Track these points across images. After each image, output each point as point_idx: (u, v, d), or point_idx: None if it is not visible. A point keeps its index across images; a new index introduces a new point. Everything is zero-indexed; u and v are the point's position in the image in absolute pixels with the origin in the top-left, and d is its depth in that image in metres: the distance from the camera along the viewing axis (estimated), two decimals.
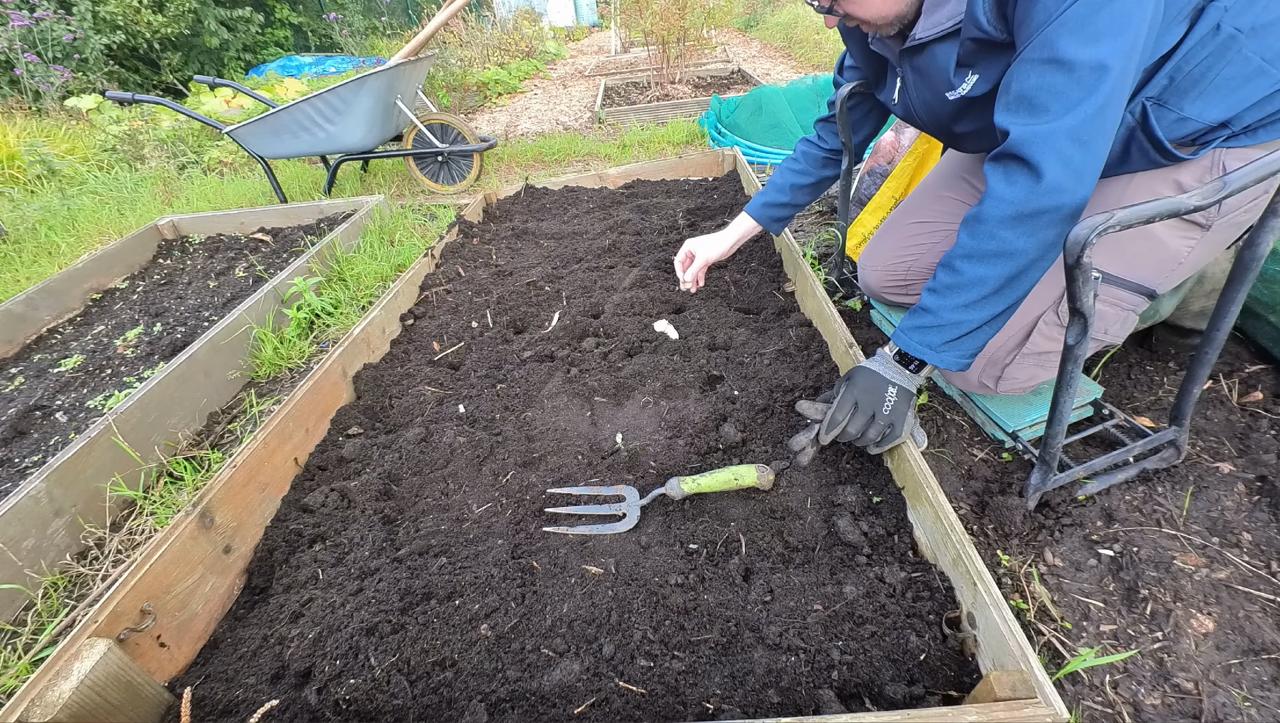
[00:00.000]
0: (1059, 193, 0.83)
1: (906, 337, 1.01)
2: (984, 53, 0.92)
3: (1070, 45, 0.78)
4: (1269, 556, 0.98)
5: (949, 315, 0.95)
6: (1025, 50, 0.83)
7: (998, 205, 0.88)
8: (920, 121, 1.18)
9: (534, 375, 1.45)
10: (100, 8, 7.55)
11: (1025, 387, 1.16)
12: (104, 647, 0.79)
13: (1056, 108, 0.81)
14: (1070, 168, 0.82)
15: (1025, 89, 0.84)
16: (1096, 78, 0.78)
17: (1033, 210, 0.85)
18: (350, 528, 1.10)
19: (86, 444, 1.28)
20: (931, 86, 1.04)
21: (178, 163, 4.27)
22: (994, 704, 0.66)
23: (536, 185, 2.80)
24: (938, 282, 0.97)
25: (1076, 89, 0.79)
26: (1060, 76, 0.80)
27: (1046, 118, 0.82)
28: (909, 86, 1.11)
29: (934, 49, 0.99)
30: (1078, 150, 0.82)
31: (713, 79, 5.40)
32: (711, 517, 1.06)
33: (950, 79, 0.98)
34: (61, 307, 2.29)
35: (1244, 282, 0.87)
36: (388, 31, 10.35)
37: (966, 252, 0.92)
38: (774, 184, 1.57)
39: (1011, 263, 0.89)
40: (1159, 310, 1.28)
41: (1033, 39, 0.82)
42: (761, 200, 1.58)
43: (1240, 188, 0.73)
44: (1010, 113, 0.86)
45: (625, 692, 0.81)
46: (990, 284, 0.91)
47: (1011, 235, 0.87)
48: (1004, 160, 0.88)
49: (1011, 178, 0.86)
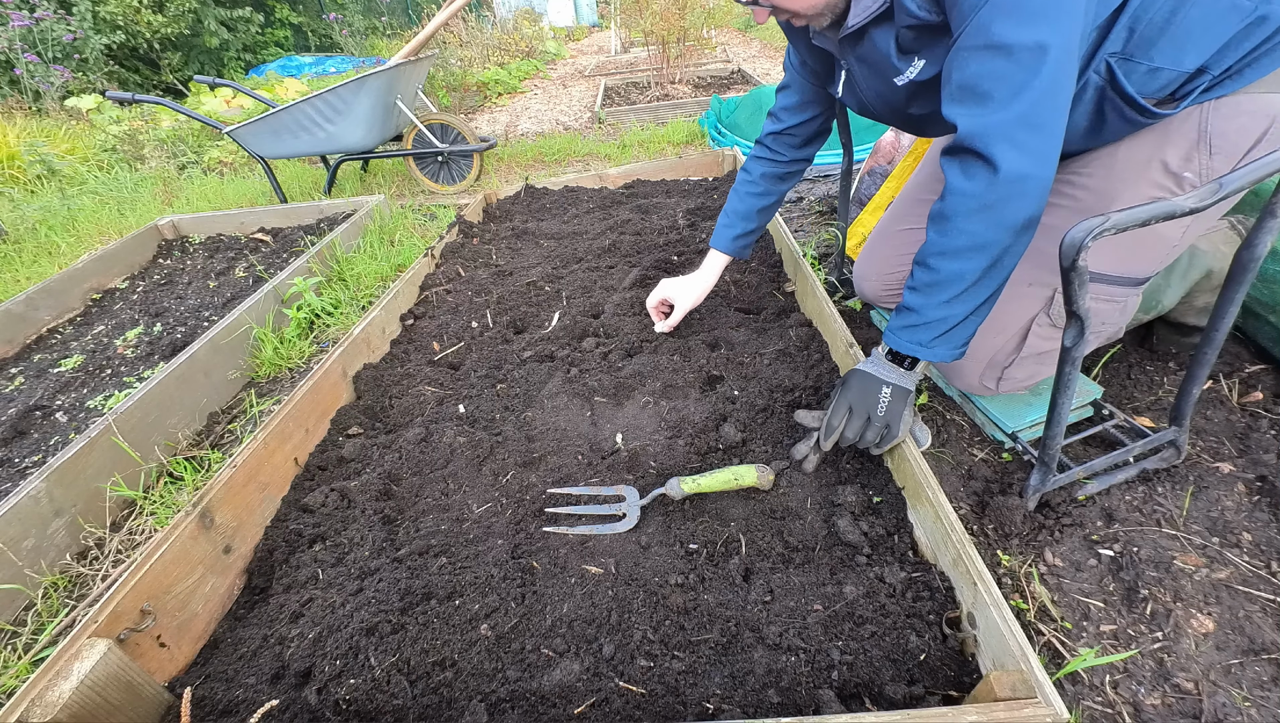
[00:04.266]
0: (1019, 181, 0.81)
1: (896, 336, 1.00)
2: (926, 37, 0.90)
3: (1006, 28, 0.76)
4: (1269, 555, 0.98)
5: (933, 312, 0.94)
6: (961, 37, 0.81)
7: (960, 201, 0.86)
8: (874, 111, 1.14)
9: (534, 375, 1.45)
10: (100, 8, 7.55)
11: (1027, 385, 1.16)
12: (104, 647, 0.79)
13: (1002, 94, 0.79)
14: (1026, 154, 0.80)
15: (966, 78, 0.81)
16: (1038, 59, 0.76)
17: (996, 200, 0.83)
18: (350, 528, 1.10)
19: (86, 444, 1.28)
20: (879, 74, 1.01)
21: (178, 163, 4.27)
22: (994, 704, 0.66)
23: (536, 185, 2.80)
24: (917, 280, 0.95)
25: (1019, 73, 0.77)
26: (1000, 62, 0.78)
27: (993, 106, 0.80)
28: (856, 77, 1.08)
29: (872, 35, 0.96)
30: (1032, 135, 0.79)
31: (713, 79, 5.40)
32: (711, 517, 1.06)
33: (895, 64, 0.96)
34: (61, 307, 2.29)
35: (1242, 282, 0.86)
36: (388, 31, 10.35)
37: (939, 250, 0.90)
38: (736, 212, 1.47)
39: (986, 254, 0.87)
40: (1161, 302, 1.28)
41: (967, 24, 0.79)
42: (730, 234, 1.48)
43: (1238, 189, 0.73)
44: (956, 104, 0.84)
45: (625, 692, 0.81)
46: (969, 277, 0.89)
47: (980, 228, 0.86)
48: (959, 154, 0.86)
49: (969, 172, 0.85)
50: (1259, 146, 0.89)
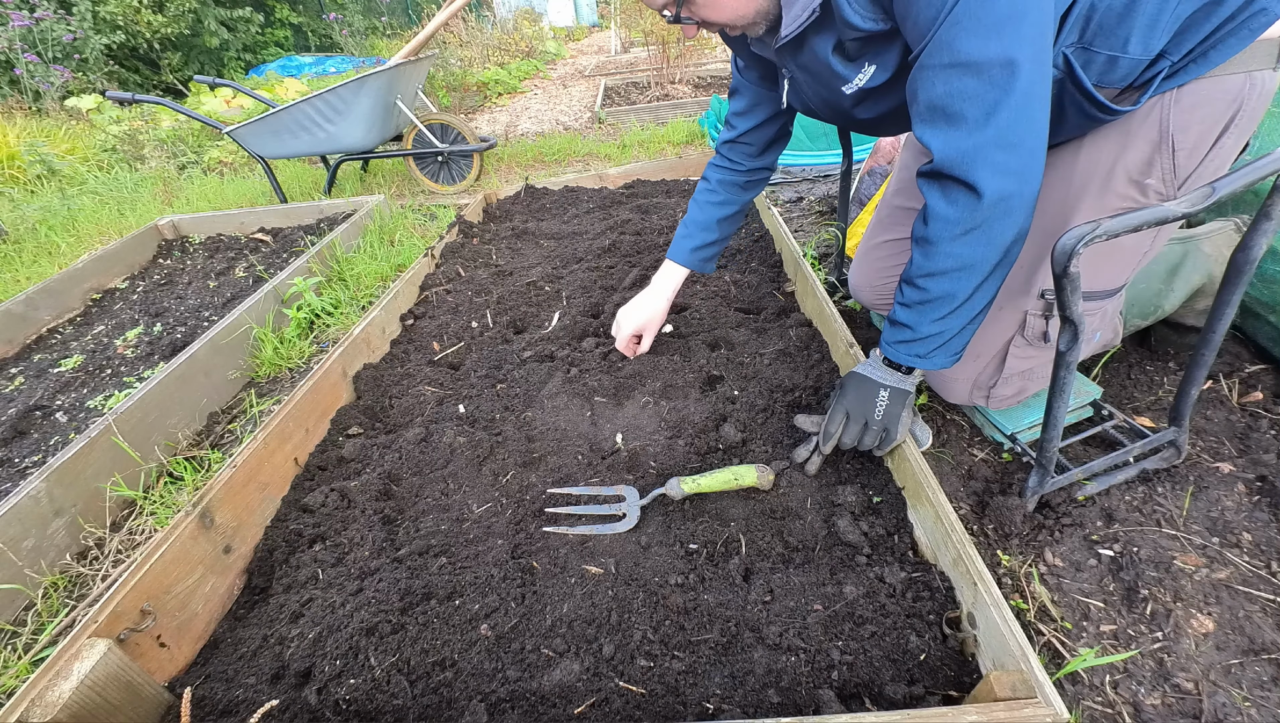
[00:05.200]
0: (1003, 201, 0.79)
1: (893, 349, 0.98)
2: (874, 43, 0.85)
3: (970, 44, 0.72)
4: (1269, 555, 0.98)
5: (927, 328, 0.92)
6: (924, 55, 0.77)
7: (944, 226, 0.84)
8: (819, 114, 1.10)
9: (534, 375, 1.45)
10: (100, 8, 7.55)
11: (1016, 400, 1.16)
12: (104, 647, 0.79)
13: (974, 115, 0.76)
14: (1008, 175, 0.78)
15: (935, 98, 0.78)
16: (1008, 74, 0.73)
17: (981, 223, 0.81)
18: (350, 528, 1.10)
19: (86, 444, 1.28)
20: (823, 82, 0.96)
21: (178, 163, 4.27)
22: (994, 704, 0.66)
23: (536, 185, 2.80)
24: (907, 298, 0.93)
25: (991, 91, 0.74)
26: (969, 80, 0.74)
27: (967, 127, 0.77)
28: (800, 84, 1.04)
29: (811, 43, 0.90)
30: (1011, 155, 0.77)
31: (713, 79, 5.39)
32: (711, 517, 1.06)
33: (840, 72, 0.91)
34: (61, 307, 2.29)
35: (1238, 285, 0.86)
36: (388, 31, 10.35)
37: (926, 271, 0.88)
38: (696, 223, 1.38)
39: (975, 271, 0.85)
40: (1162, 306, 1.28)
41: (928, 41, 0.75)
42: (689, 246, 1.38)
43: (1229, 195, 0.73)
44: (927, 125, 0.81)
45: (625, 692, 0.81)
46: (960, 295, 0.88)
47: (966, 250, 0.84)
48: (939, 179, 0.83)
49: (950, 197, 0.82)
50: (1226, 137, 0.86)
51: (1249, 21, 0.78)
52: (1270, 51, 0.81)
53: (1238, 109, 0.84)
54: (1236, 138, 0.87)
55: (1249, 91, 0.83)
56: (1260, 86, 0.83)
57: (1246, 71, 0.82)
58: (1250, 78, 0.82)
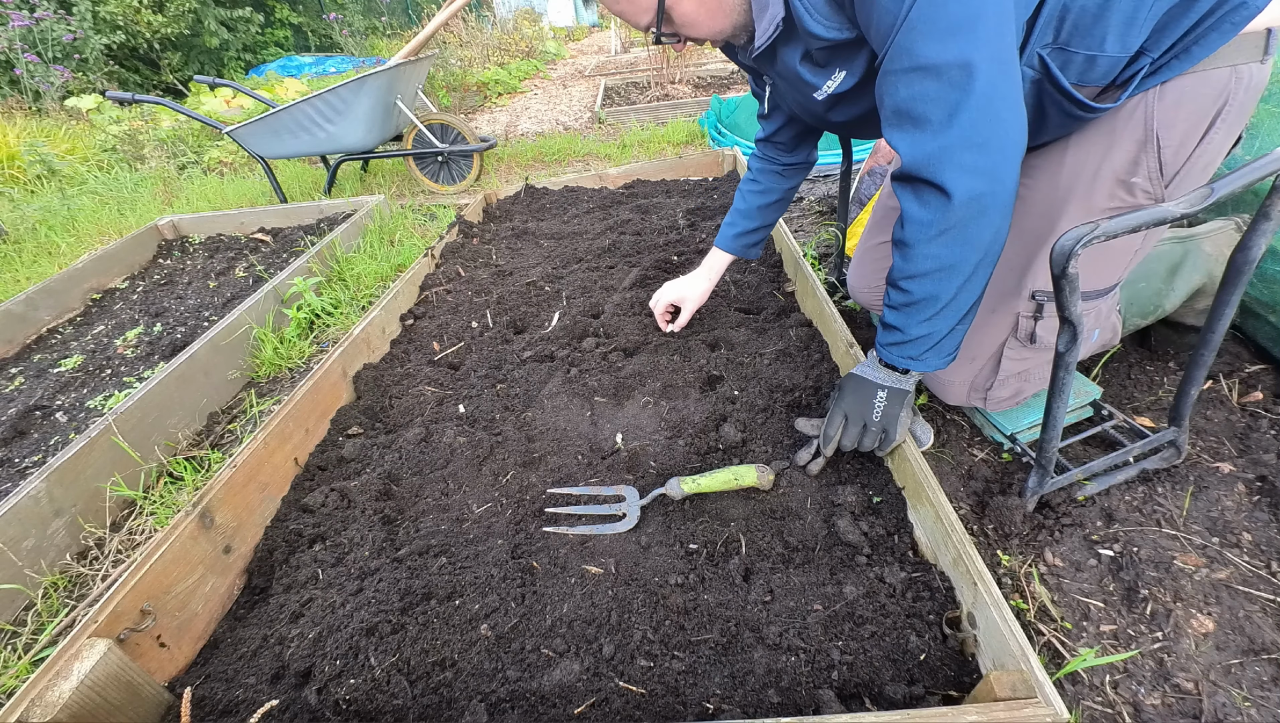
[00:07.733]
0: (975, 201, 0.79)
1: (887, 351, 0.98)
2: (841, 51, 0.87)
3: (927, 48, 0.73)
4: (1269, 555, 0.98)
5: (916, 330, 0.92)
6: (886, 60, 0.78)
7: (919, 229, 0.84)
8: (801, 118, 1.16)
9: (534, 375, 1.45)
10: (100, 8, 7.55)
11: (1013, 402, 1.16)
12: (104, 647, 0.79)
13: (938, 117, 0.76)
14: (977, 174, 0.77)
15: (899, 103, 0.79)
16: (966, 75, 0.73)
17: (955, 224, 0.81)
18: (350, 528, 1.10)
19: (86, 444, 1.28)
20: (798, 89, 1.00)
21: (178, 163, 4.27)
22: (994, 704, 0.66)
23: (536, 185, 2.80)
24: (894, 300, 0.93)
25: (951, 92, 0.74)
26: (930, 83, 0.75)
27: (932, 129, 0.77)
28: (780, 90, 1.10)
29: (781, 54, 0.94)
30: (979, 155, 0.77)
31: (713, 79, 5.39)
32: (711, 517, 1.06)
33: (809, 80, 0.94)
34: (61, 307, 2.29)
35: (1237, 285, 0.86)
36: (388, 31, 10.36)
37: (907, 274, 0.88)
38: (739, 211, 1.45)
39: (957, 272, 0.85)
40: (1162, 306, 1.28)
41: (888, 47, 0.76)
42: (732, 232, 1.46)
43: (1228, 195, 0.72)
44: (895, 129, 0.82)
45: (625, 692, 0.81)
46: (944, 296, 0.87)
47: (944, 251, 0.84)
48: (910, 182, 0.84)
49: (923, 200, 0.83)
50: (1213, 132, 0.85)
51: (1230, 15, 0.77)
52: (1256, 44, 0.80)
53: (1224, 104, 0.83)
54: (1224, 133, 0.86)
55: (1235, 85, 0.82)
56: (1247, 80, 0.82)
57: (1231, 65, 0.81)
58: (1236, 71, 0.81)
